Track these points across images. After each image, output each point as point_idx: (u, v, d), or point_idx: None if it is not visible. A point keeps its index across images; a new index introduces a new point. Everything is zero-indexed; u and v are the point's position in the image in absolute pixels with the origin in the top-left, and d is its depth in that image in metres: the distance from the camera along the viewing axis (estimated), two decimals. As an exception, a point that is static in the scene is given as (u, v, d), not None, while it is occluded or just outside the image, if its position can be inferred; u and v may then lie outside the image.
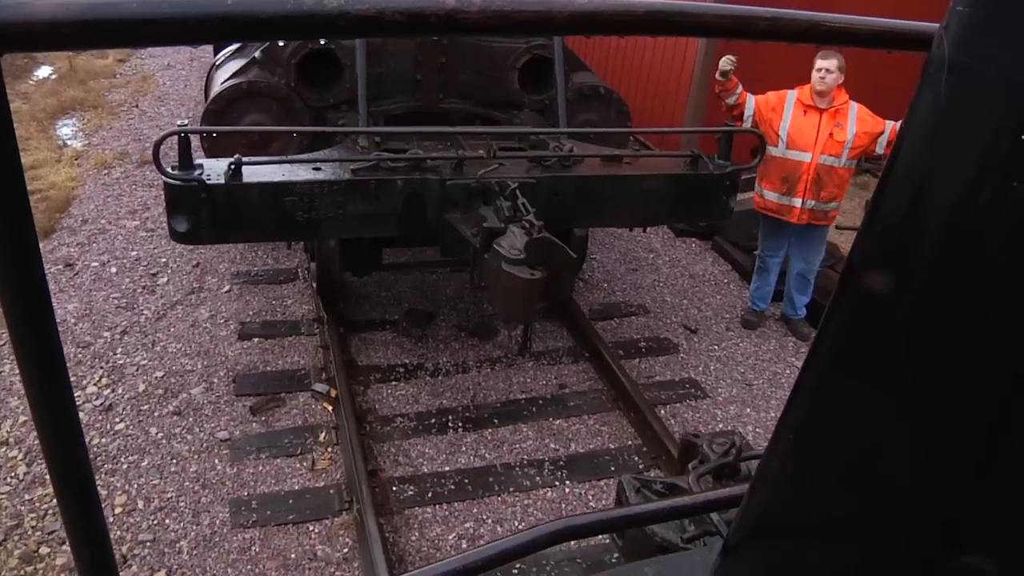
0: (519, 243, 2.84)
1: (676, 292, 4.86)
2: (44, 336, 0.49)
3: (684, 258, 5.30)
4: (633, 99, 4.28)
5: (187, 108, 7.48)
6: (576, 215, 3.48)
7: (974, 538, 0.47)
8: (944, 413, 0.46)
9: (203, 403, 3.52)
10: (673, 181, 3.51)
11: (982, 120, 0.43)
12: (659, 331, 4.41)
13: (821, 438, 0.56)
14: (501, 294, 2.80)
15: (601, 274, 4.94)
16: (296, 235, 3.40)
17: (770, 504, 0.63)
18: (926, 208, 0.46)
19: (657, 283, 4.94)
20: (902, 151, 0.48)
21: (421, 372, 3.85)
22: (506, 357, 4.04)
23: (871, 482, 0.51)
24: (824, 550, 0.57)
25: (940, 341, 0.46)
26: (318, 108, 3.81)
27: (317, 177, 3.03)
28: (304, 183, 2.99)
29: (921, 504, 0.48)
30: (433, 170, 3.20)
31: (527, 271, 2.75)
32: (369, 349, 3.99)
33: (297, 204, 2.99)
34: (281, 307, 4.28)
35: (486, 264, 2.91)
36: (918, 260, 0.46)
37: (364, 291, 4.46)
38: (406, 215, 3.16)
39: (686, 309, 4.67)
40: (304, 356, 3.89)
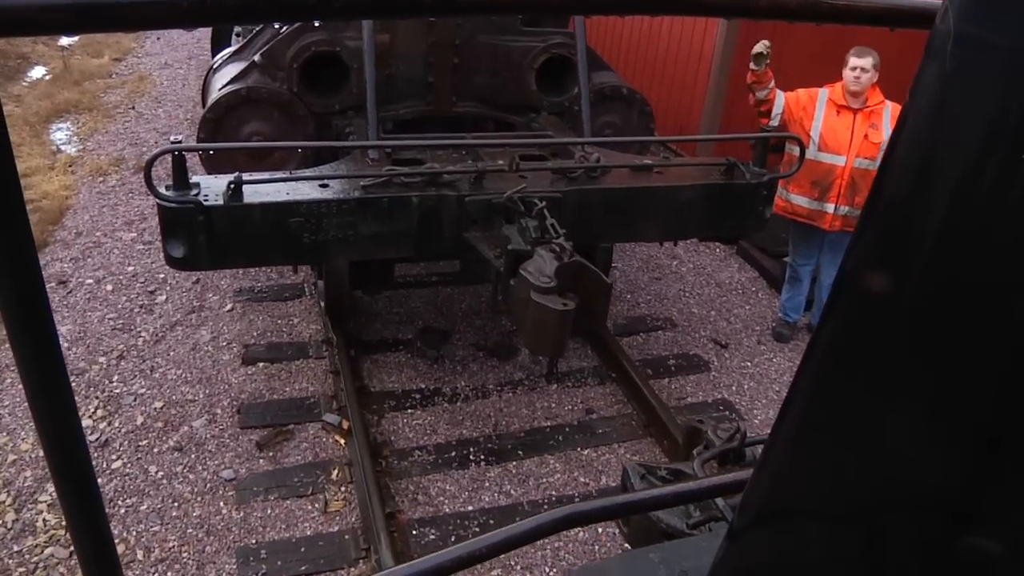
0: (548, 269, 2.57)
1: (703, 303, 4.60)
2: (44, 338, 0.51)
3: (708, 264, 5.03)
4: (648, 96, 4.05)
5: (185, 109, 7.18)
6: (604, 231, 3.24)
7: (982, 521, 0.46)
8: (950, 394, 0.46)
9: (206, 437, 3.26)
10: (707, 192, 3.25)
11: (989, 92, 0.42)
12: (688, 347, 4.15)
13: (825, 421, 0.56)
14: (530, 326, 2.55)
15: (624, 284, 4.68)
16: (303, 259, 3.17)
17: (774, 488, 0.63)
18: (932, 184, 0.46)
19: (682, 293, 4.68)
20: (906, 128, 0.48)
21: (438, 398, 3.60)
22: (528, 379, 3.79)
23: (876, 465, 0.51)
24: (830, 534, 0.56)
25: (946, 321, 0.45)
26: (323, 115, 3.58)
27: (324, 196, 2.79)
28: (310, 202, 2.75)
29: (928, 487, 0.48)
30: (450, 185, 2.95)
31: (559, 301, 2.48)
32: (382, 373, 3.74)
33: (303, 225, 2.75)
34: (287, 327, 4.03)
35: (512, 291, 2.66)
36: (923, 239, 0.46)
37: (374, 308, 4.21)
38: (422, 234, 2.92)
39: (714, 321, 4.41)
40: (313, 382, 3.64)
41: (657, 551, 0.97)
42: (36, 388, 0.51)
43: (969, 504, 0.47)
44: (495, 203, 2.90)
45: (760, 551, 0.66)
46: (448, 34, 3.59)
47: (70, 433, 0.53)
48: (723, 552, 0.72)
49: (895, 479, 0.50)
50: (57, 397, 0.52)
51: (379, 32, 3.35)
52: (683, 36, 6.64)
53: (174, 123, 6.86)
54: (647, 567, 0.94)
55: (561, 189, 3.01)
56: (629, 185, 3.16)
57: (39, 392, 0.51)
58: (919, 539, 0.50)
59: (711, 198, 3.25)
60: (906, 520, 0.50)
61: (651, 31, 7.06)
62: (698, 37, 6.44)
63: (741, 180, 3.27)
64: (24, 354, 0.50)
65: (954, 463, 0.47)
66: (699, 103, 6.40)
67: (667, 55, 6.83)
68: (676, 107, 6.28)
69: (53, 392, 0.52)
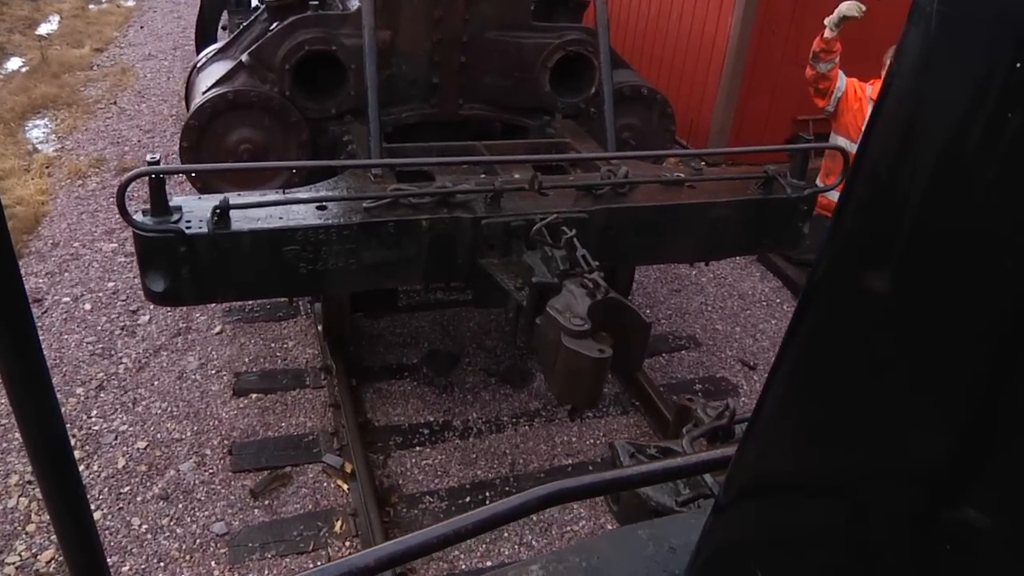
0: (580, 308, 2.26)
1: (727, 317, 4.32)
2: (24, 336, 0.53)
3: (729, 274, 4.75)
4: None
5: (170, 105, 6.75)
6: (632, 252, 2.96)
7: (969, 494, 0.46)
8: (935, 364, 0.46)
9: (194, 483, 2.93)
10: (743, 208, 2.96)
11: (976, 48, 0.42)
12: (714, 368, 3.87)
13: (808, 394, 0.56)
14: (561, 375, 2.25)
15: (642, 298, 4.39)
16: (299, 290, 2.85)
17: (759, 462, 0.63)
18: (918, 145, 0.45)
19: (704, 307, 4.40)
20: (891, 91, 0.48)
21: (449, 433, 3.30)
22: (545, 410, 3.49)
23: (859, 437, 0.51)
24: (814, 507, 0.56)
25: (932, 285, 0.45)
26: (318, 120, 3.26)
27: (323, 220, 2.48)
28: (307, 228, 2.44)
29: (912, 459, 0.48)
30: (464, 206, 2.64)
31: (594, 347, 2.18)
32: (386, 404, 3.43)
33: (299, 254, 2.45)
34: (282, 351, 3.71)
35: (538, 332, 2.35)
36: (909, 201, 0.46)
37: (377, 329, 3.90)
38: (432, 261, 2.62)
39: (740, 339, 4.12)
40: (311, 416, 3.32)
41: (646, 528, 0.98)
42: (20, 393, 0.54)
43: (955, 477, 0.46)
44: (514, 226, 2.61)
45: (745, 525, 0.66)
46: (455, 31, 3.28)
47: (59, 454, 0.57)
48: (709, 527, 0.72)
49: (879, 452, 0.49)
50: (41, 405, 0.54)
51: (379, 29, 3.05)
52: (694, 26, 6.30)
53: (158, 120, 6.44)
54: (636, 543, 0.94)
55: (587, 208, 2.73)
56: (660, 202, 2.87)
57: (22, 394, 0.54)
58: (903, 512, 0.49)
59: (747, 214, 2.97)
60: (891, 492, 0.50)
61: (659, 20, 6.69)
62: (711, 27, 6.10)
63: (780, 194, 2.98)
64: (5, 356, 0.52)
65: (940, 435, 0.46)
66: (710, 100, 6.09)
67: (676, 47, 6.48)
68: (684, 104, 5.95)
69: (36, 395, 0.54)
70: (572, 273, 2.37)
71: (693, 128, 6.09)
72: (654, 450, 1.43)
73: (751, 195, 2.97)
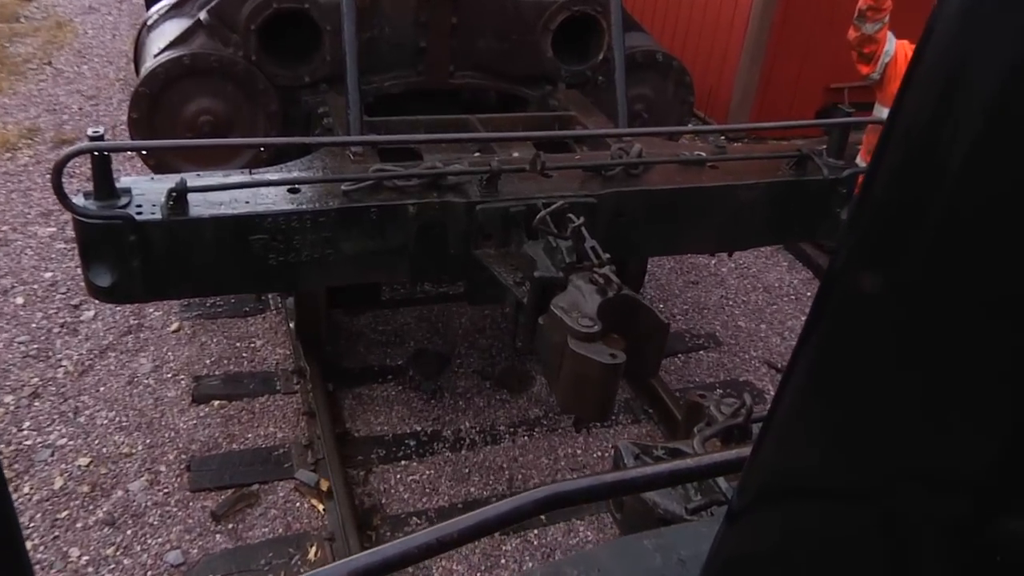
0: (589, 307, 2.24)
1: (750, 313, 4.33)
2: None
3: (753, 264, 4.75)
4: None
5: (116, 67, 6.65)
6: (645, 242, 2.95)
7: (1017, 501, 0.45)
8: (978, 355, 0.45)
9: (146, 505, 2.91)
10: (773, 191, 2.94)
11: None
12: (736, 371, 3.88)
13: (833, 388, 0.55)
14: (567, 382, 2.22)
15: (654, 291, 4.38)
16: (268, 286, 2.88)
17: (777, 462, 0.63)
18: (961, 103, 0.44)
19: (725, 301, 4.40)
20: (932, 38, 0.46)
21: (438, 444, 3.29)
22: (547, 418, 3.49)
23: (891, 437, 0.50)
24: (839, 514, 0.56)
25: (975, 265, 0.44)
26: (289, 89, 3.21)
27: (295, 205, 2.44)
28: (277, 214, 2.40)
29: (953, 462, 0.47)
30: (456, 189, 2.61)
31: (605, 352, 2.15)
32: (368, 412, 3.42)
33: (268, 244, 2.41)
34: (248, 351, 3.67)
35: (540, 333, 2.32)
36: (948, 168, 0.45)
37: (356, 327, 3.87)
38: (420, 252, 2.60)
39: (766, 337, 4.13)
40: (282, 426, 3.29)
41: (652, 537, 0.99)
42: None
43: (1005, 483, 0.45)
44: (513, 212, 2.59)
45: (761, 533, 0.66)
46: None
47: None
48: (721, 536, 0.72)
49: (915, 453, 0.49)
50: None
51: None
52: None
53: (103, 85, 6.35)
54: (641, 554, 0.94)
55: (595, 192, 2.71)
56: (678, 185, 2.85)
57: None
58: (943, 520, 0.49)
59: (778, 198, 2.95)
60: (927, 499, 0.49)
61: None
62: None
63: (815, 176, 2.96)
64: None
65: (986, 436, 0.45)
66: (731, 65, 6.07)
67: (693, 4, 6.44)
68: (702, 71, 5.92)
69: None
70: (580, 267, 2.35)
71: (712, 98, 6.07)
72: (661, 451, 1.45)
73: (782, 176, 2.95)
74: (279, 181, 2.49)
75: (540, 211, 2.50)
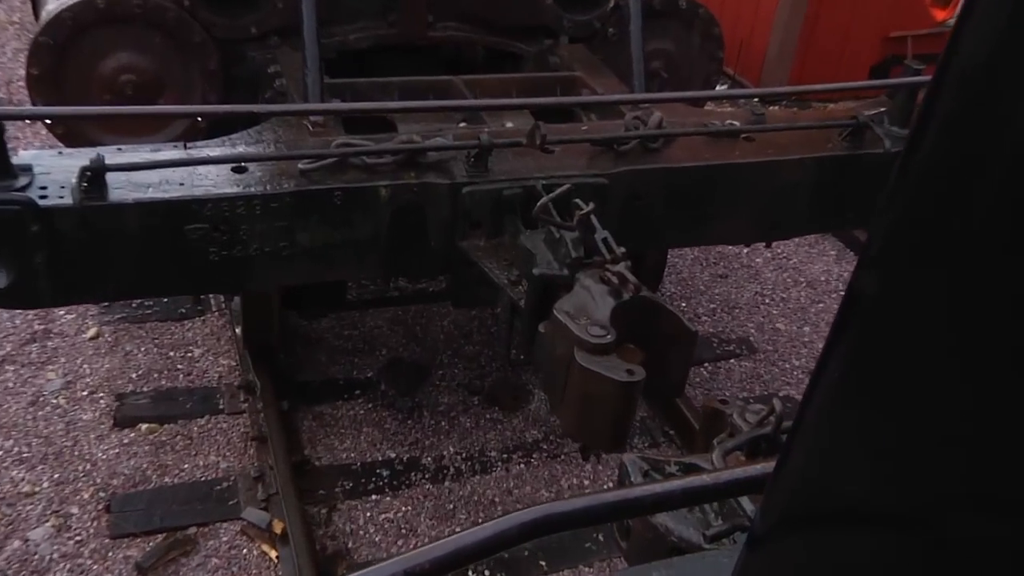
0: (601, 311, 2.25)
1: (791, 313, 4.38)
2: None
3: (794, 253, 4.82)
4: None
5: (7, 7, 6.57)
6: (666, 231, 2.99)
7: None
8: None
9: (51, 558, 2.88)
10: (823, 168, 2.98)
11: None
12: (775, 383, 3.93)
13: (873, 390, 0.56)
14: (574, 405, 2.24)
15: (675, 286, 4.43)
16: (209, 285, 2.87)
17: (807, 479, 0.64)
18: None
19: (760, 298, 4.45)
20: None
21: (416, 475, 3.31)
22: (547, 441, 3.52)
23: (948, 449, 0.51)
24: (881, 540, 0.57)
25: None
26: (232, 43, 3.22)
27: (242, 189, 2.45)
28: (219, 199, 2.41)
29: (1013, 481, 0.48)
30: (438, 168, 2.63)
31: (620, 367, 2.16)
32: (331, 435, 3.44)
33: (209, 236, 2.43)
34: (184, 363, 3.69)
35: (542, 343, 2.34)
36: (1017, 113, 0.45)
37: (317, 332, 3.90)
38: (395, 244, 2.63)
39: (810, 343, 4.19)
40: (226, 454, 3.30)
41: (663, 568, 1.02)
42: None
43: None
44: (507, 196, 2.61)
45: (789, 561, 0.67)
46: (422, -80, 3.30)
47: None
48: (742, 567, 0.74)
49: (969, 470, 0.49)
50: None
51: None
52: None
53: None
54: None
55: (607, 171, 2.74)
56: (707, 162, 2.88)
57: None
58: (1004, 547, 0.49)
59: (828, 177, 2.99)
60: (985, 523, 0.50)
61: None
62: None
63: (875, 148, 3.01)
64: None
65: None
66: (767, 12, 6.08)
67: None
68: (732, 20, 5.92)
69: None
70: (588, 263, 2.37)
71: (743, 53, 6.06)
72: (675, 467, 1.47)
73: (833, 150, 2.97)
74: (221, 158, 2.50)
75: (540, 194, 2.52)
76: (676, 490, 1.07)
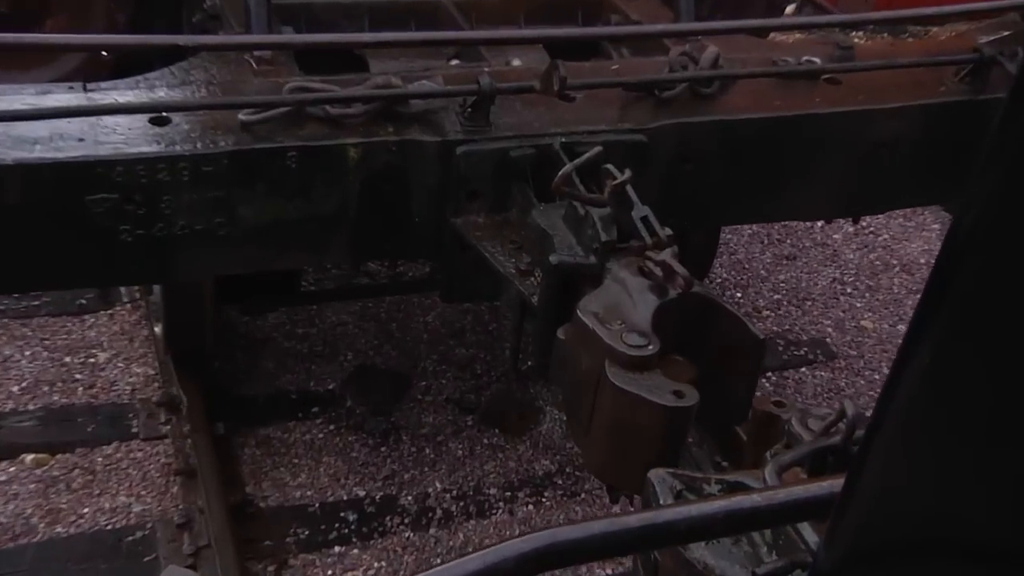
0: (640, 313, 2.28)
1: (880, 306, 4.47)
2: None
3: (884, 227, 4.94)
4: None
5: None
6: (723, 204, 3.08)
7: None
8: None
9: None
10: (931, 119, 3.06)
11: None
12: (859, 399, 4.01)
13: (964, 398, 0.59)
14: (604, 435, 2.28)
15: (727, 270, 4.54)
16: (120, 275, 2.90)
17: (886, 501, 0.67)
18: None
19: (840, 287, 4.56)
20: None
21: (392, 520, 3.36)
22: (561, 474, 3.58)
23: None
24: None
25: None
26: None
27: (164, 148, 2.49)
28: (133, 162, 2.46)
29: None
30: (424, 120, 2.68)
31: (666, 387, 2.18)
32: (280, 467, 3.49)
33: (120, 209, 2.47)
34: (85, 372, 3.74)
35: (562, 353, 2.39)
36: None
37: (263, 331, 3.97)
38: (366, 220, 2.71)
39: (905, 345, 4.23)
40: (139, 494, 3.34)
41: None
42: None
43: None
44: (515, 158, 2.66)
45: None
46: None
47: None
48: None
49: None
50: None
51: None
52: None
53: None
54: None
55: (645, 126, 2.78)
56: (776, 113, 2.95)
57: None
58: None
59: (940, 131, 3.06)
60: None
61: None
62: None
63: (1003, 93, 3.02)
64: None
65: None
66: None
67: None
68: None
69: None
70: (623, 248, 2.40)
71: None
72: (716, 486, 1.52)
73: (948, 94, 3.04)
74: (135, 106, 2.54)
75: (557, 156, 2.59)
76: (718, 513, 1.09)
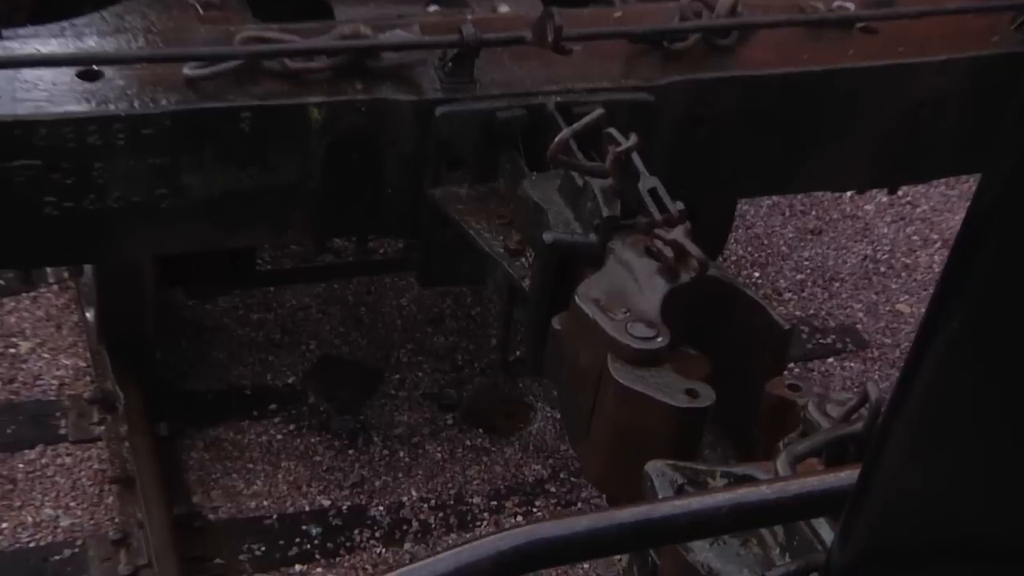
0: (647, 299, 2.33)
1: (918, 288, 4.54)
2: None
3: (922, 198, 5.00)
4: None
5: None
6: (742, 172, 3.13)
7: None
8: None
9: None
10: (985, 74, 3.10)
11: None
12: (893, 393, 4.00)
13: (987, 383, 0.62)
14: (607, 440, 2.32)
15: (743, 245, 4.60)
16: (46, 254, 2.92)
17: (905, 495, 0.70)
18: None
19: (872, 265, 4.61)
20: None
21: (362, 534, 3.40)
22: (555, 480, 3.61)
23: None
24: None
25: None
26: None
27: (96, 106, 2.53)
28: (60, 123, 2.50)
29: None
30: (398, 77, 2.72)
31: (677, 385, 2.22)
32: (233, 474, 3.52)
33: (44, 179, 2.53)
34: (4, 365, 3.79)
35: (557, 344, 2.45)
36: None
37: (212, 317, 4.00)
38: (332, 192, 2.76)
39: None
40: (68, 505, 3.38)
41: None
42: None
43: None
44: (503, 120, 2.70)
45: None
46: None
47: None
48: None
49: None
50: None
51: None
52: None
53: None
54: None
55: (653, 82, 2.83)
56: (804, 67, 2.99)
57: None
58: None
59: (991, 88, 3.08)
60: None
61: None
62: None
63: None
64: None
65: None
66: None
67: None
68: None
69: None
70: (628, 225, 2.44)
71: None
72: (722, 479, 1.56)
73: (1000, 46, 3.11)
74: (60, 57, 2.58)
75: (552, 118, 2.63)
76: (722, 506, 1.10)
